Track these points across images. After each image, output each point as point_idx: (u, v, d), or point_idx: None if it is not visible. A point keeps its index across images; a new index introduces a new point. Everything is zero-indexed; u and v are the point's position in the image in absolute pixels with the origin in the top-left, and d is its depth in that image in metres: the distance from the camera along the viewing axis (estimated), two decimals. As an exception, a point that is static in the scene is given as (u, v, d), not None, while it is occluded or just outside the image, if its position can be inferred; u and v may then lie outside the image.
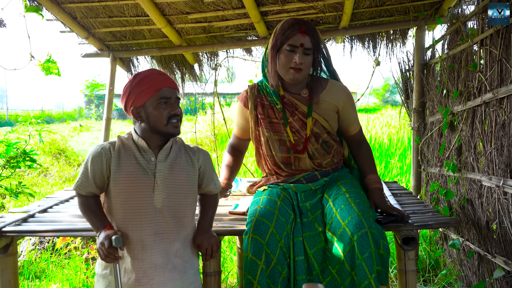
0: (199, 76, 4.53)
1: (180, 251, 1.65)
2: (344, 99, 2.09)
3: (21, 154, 3.63)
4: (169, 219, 1.62)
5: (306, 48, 1.93)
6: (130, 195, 1.57)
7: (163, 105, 1.58)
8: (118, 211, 1.58)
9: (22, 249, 3.69)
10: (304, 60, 1.93)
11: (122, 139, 1.65)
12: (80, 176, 1.61)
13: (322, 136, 2.06)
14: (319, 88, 2.08)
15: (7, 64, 12.54)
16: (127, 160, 1.59)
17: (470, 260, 2.68)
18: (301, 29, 1.91)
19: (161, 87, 1.58)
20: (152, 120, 1.59)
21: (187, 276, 1.66)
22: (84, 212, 1.63)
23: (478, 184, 2.48)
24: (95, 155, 1.59)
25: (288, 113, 2.07)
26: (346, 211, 1.77)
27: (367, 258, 1.66)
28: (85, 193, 1.61)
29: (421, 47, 3.49)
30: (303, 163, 2.07)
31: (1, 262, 2.10)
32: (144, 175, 1.59)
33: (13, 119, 21.24)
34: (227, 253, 3.58)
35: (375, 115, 13.66)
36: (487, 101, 2.34)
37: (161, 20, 3.41)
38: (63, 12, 3.37)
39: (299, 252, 1.78)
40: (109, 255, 1.50)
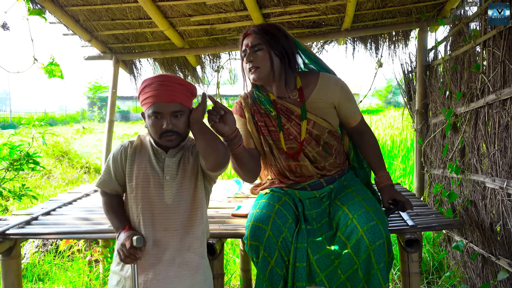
0: (201, 78, 4.54)
1: (194, 246, 1.64)
2: (339, 92, 1.96)
3: (24, 156, 3.64)
4: (180, 215, 1.62)
5: (252, 46, 1.89)
6: (142, 191, 1.61)
7: (155, 119, 1.54)
8: (132, 208, 1.63)
9: (25, 252, 3.70)
10: (254, 57, 1.88)
11: (141, 138, 1.71)
12: (103, 173, 1.68)
13: (322, 137, 1.96)
14: (310, 86, 1.97)
15: (11, 67, 12.57)
16: (140, 157, 1.64)
17: (474, 262, 2.67)
18: (246, 33, 1.94)
19: (154, 102, 1.53)
20: (149, 130, 1.60)
21: (199, 272, 1.64)
22: (106, 211, 1.68)
23: (482, 185, 2.47)
24: (115, 153, 1.67)
25: (284, 119, 1.97)
26: (364, 217, 1.74)
27: (382, 268, 1.68)
28: (109, 191, 1.67)
29: (423, 48, 3.49)
30: (306, 169, 1.99)
31: (5, 264, 2.11)
32: (153, 171, 1.62)
33: (16, 121, 21.32)
34: (230, 255, 3.57)
35: (377, 117, 13.65)
36: (490, 103, 2.34)
37: (163, 23, 3.41)
38: (66, 15, 3.38)
39: (301, 258, 1.75)
40: (130, 255, 1.52)
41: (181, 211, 1.63)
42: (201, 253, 1.67)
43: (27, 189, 3.72)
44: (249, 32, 1.92)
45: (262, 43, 1.88)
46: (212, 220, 2.27)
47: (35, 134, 3.88)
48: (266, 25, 1.95)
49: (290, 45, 1.95)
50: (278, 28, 1.95)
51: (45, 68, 3.26)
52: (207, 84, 4.66)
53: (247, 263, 2.95)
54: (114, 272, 1.68)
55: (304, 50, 2.09)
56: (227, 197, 2.87)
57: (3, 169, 3.64)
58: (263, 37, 1.88)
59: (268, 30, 1.91)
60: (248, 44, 1.90)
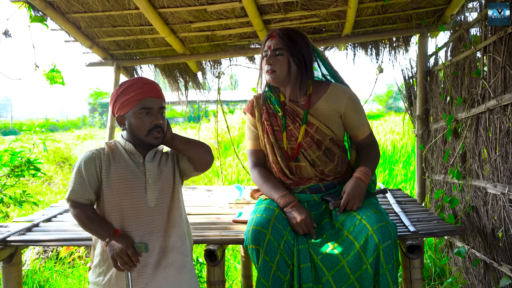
0: (202, 84, 4.55)
1: (178, 245, 1.69)
2: (346, 102, 2.02)
3: (25, 163, 3.64)
4: (163, 217, 1.67)
5: (274, 49, 1.97)
6: (124, 197, 1.61)
7: (144, 116, 1.59)
8: (113, 214, 1.60)
9: (26, 258, 3.69)
10: (274, 61, 1.97)
11: (110, 145, 1.69)
12: (74, 184, 1.59)
13: (324, 143, 2.03)
14: (319, 93, 2.05)
15: (12, 74, 12.54)
16: (117, 163, 1.63)
17: (476, 268, 2.65)
18: (271, 35, 2.01)
19: (142, 97, 1.59)
20: (134, 129, 1.62)
21: (184, 271, 1.69)
22: (84, 223, 1.59)
23: (483, 191, 2.47)
24: (87, 160, 1.60)
25: (289, 120, 2.06)
26: (373, 218, 1.75)
27: (391, 269, 1.68)
28: (83, 201, 1.59)
29: (424, 54, 3.49)
30: (305, 171, 2.04)
31: (6, 271, 2.10)
32: (135, 176, 1.63)
33: (17, 127, 21.36)
34: (231, 261, 3.56)
35: (378, 122, 13.63)
36: (491, 108, 2.34)
37: (164, 29, 3.43)
38: (67, 22, 3.40)
39: (305, 259, 1.77)
40: (129, 262, 1.50)
41: (163, 213, 1.67)
42: (184, 251, 1.71)
43: (28, 196, 3.72)
44: (274, 34, 2.00)
45: (283, 48, 1.97)
46: (213, 226, 2.27)
47: (36, 140, 3.89)
48: (291, 31, 2.02)
49: (310, 53, 2.04)
50: (302, 36, 2.03)
51: (46, 74, 3.27)
52: (208, 90, 4.66)
53: (248, 269, 2.94)
54: (96, 284, 1.64)
55: (323, 61, 2.19)
56: (228, 203, 2.87)
57: (4, 176, 3.64)
58: (285, 42, 1.97)
59: (292, 37, 1.99)
60: (270, 46, 1.99)
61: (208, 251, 1.93)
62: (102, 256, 1.63)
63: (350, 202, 1.87)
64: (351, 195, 1.88)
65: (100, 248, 1.64)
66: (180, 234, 1.70)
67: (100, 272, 1.62)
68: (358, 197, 1.89)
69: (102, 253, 1.63)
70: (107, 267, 1.62)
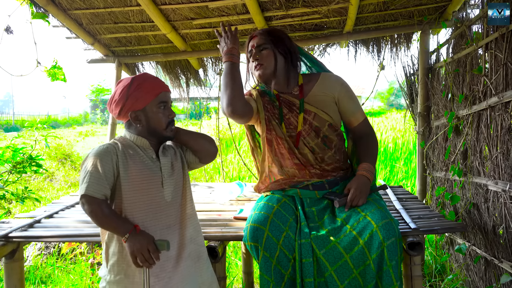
0: (203, 81, 4.55)
1: (194, 236, 1.72)
2: (339, 88, 2.07)
3: (27, 159, 3.66)
4: (178, 210, 1.69)
5: (257, 45, 2.04)
6: (141, 192, 1.60)
7: (162, 110, 1.64)
8: (131, 209, 1.58)
9: (28, 254, 3.70)
10: (260, 56, 2.02)
11: (121, 140, 1.67)
12: (90, 178, 1.51)
13: (322, 129, 2.05)
14: (311, 82, 2.10)
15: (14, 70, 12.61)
16: (133, 158, 1.61)
17: (476, 265, 2.66)
18: (252, 36, 2.09)
19: (160, 91, 1.64)
20: (153, 124, 1.63)
21: (201, 260, 1.72)
22: (101, 219, 1.52)
23: (484, 188, 2.47)
24: (102, 154, 1.55)
25: (285, 110, 2.08)
26: (378, 215, 1.76)
27: (394, 266, 1.69)
28: (100, 196, 1.51)
29: (425, 51, 3.48)
30: (306, 157, 2.06)
31: (8, 267, 2.12)
32: (151, 171, 1.63)
33: (19, 124, 21.39)
34: (232, 258, 3.57)
35: (380, 119, 13.62)
36: (492, 105, 2.34)
37: (166, 26, 3.43)
38: (69, 18, 3.40)
39: (307, 254, 1.77)
40: (150, 259, 1.49)
41: (178, 206, 1.69)
42: (200, 242, 1.75)
43: (30, 192, 3.73)
44: (255, 34, 2.07)
45: (267, 43, 2.03)
46: (215, 223, 2.27)
47: (38, 137, 3.90)
48: (271, 29, 2.12)
49: (293, 45, 2.10)
50: (282, 32, 2.11)
51: (48, 71, 3.28)
52: (209, 86, 4.67)
53: (249, 266, 2.95)
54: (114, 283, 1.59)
55: (306, 54, 2.23)
56: (229, 200, 2.88)
57: (6, 172, 3.66)
58: (267, 37, 2.04)
59: (273, 32, 2.07)
60: (254, 44, 2.05)
61: (209, 247, 1.94)
62: (121, 253, 1.58)
63: (356, 198, 1.89)
64: (358, 190, 1.90)
65: (118, 246, 1.59)
66: (195, 226, 1.74)
67: (120, 270, 1.58)
68: (364, 193, 1.90)
69: (120, 250, 1.58)
70: (127, 264, 1.58)
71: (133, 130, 1.67)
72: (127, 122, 1.69)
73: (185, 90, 4.56)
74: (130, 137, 1.67)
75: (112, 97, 1.67)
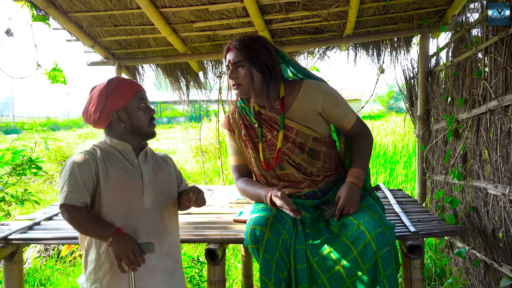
0: (203, 83, 4.55)
1: (171, 252, 1.69)
2: (321, 98, 1.96)
3: (27, 161, 3.65)
4: (158, 220, 1.67)
5: (234, 62, 1.92)
6: (121, 199, 1.58)
7: (143, 107, 1.66)
8: (110, 216, 1.55)
9: (27, 257, 3.70)
10: (236, 74, 1.92)
11: (100, 146, 1.65)
12: (68, 187, 1.49)
13: (307, 144, 1.98)
14: (292, 94, 1.99)
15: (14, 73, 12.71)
16: (113, 164, 1.59)
17: (476, 269, 2.66)
18: (229, 48, 1.96)
19: (138, 89, 1.66)
20: (136, 122, 1.64)
21: (176, 277, 1.70)
22: (82, 226, 1.52)
23: (484, 192, 2.47)
24: (80, 163, 1.53)
25: (266, 130, 2.01)
26: (371, 223, 1.74)
27: (389, 275, 1.67)
28: (79, 204, 1.49)
29: (425, 54, 3.49)
30: (293, 176, 2.02)
31: (7, 269, 2.11)
32: (132, 177, 1.61)
33: (19, 126, 21.39)
34: (232, 261, 3.57)
35: (379, 122, 13.64)
36: (492, 109, 2.34)
37: (166, 29, 3.43)
38: (69, 21, 3.40)
39: (301, 260, 1.77)
40: (135, 262, 1.47)
41: (158, 216, 1.67)
42: (177, 258, 1.72)
43: (30, 194, 3.73)
44: (231, 47, 1.94)
45: (243, 60, 1.91)
46: (214, 225, 2.27)
47: (38, 139, 3.90)
48: (248, 40, 1.94)
49: (271, 57, 1.96)
50: (260, 41, 1.96)
51: (48, 74, 3.28)
52: (209, 89, 4.67)
53: (249, 268, 2.95)
54: None
55: (289, 61, 2.12)
56: (229, 203, 2.87)
57: (6, 174, 3.66)
58: (244, 54, 1.91)
59: (250, 46, 1.92)
60: (230, 60, 1.94)
61: (208, 250, 1.94)
62: (98, 261, 1.57)
63: (347, 206, 1.85)
64: (347, 199, 1.86)
65: (95, 254, 1.58)
66: (174, 241, 1.72)
67: (96, 279, 1.56)
68: (354, 200, 1.87)
69: (97, 258, 1.57)
70: (103, 273, 1.56)
71: (114, 135, 1.66)
72: (107, 127, 1.66)
73: (185, 92, 4.57)
74: (111, 142, 1.65)
75: (89, 103, 1.65)
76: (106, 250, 1.54)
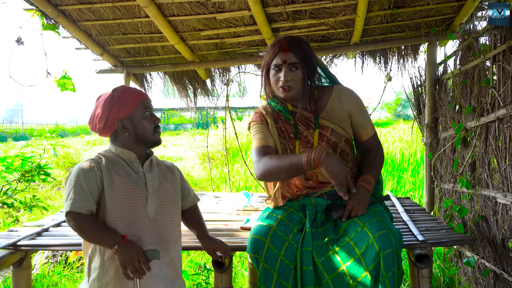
0: (211, 91, 4.58)
1: (174, 261, 1.69)
2: (352, 102, 2.04)
3: (35, 168, 3.69)
4: (162, 229, 1.67)
5: (290, 63, 1.90)
6: (125, 207, 1.58)
7: (147, 115, 1.67)
8: (114, 224, 1.56)
9: (35, 263, 3.72)
10: (292, 77, 1.91)
11: (105, 154, 1.66)
12: (74, 195, 1.51)
13: (339, 145, 2.01)
14: (325, 96, 2.04)
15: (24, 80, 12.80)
16: (118, 172, 1.60)
17: (485, 279, 2.63)
18: (282, 47, 1.91)
19: (142, 98, 1.67)
20: (140, 130, 1.65)
21: (176, 286, 1.70)
22: (88, 234, 1.53)
23: (493, 201, 2.45)
24: (86, 170, 1.55)
25: (301, 127, 2.03)
26: (375, 226, 1.75)
27: (390, 277, 1.67)
28: (84, 212, 1.50)
29: (433, 62, 3.49)
30: (322, 176, 2.00)
31: (15, 275, 2.13)
32: (136, 186, 1.62)
33: (28, 133, 21.58)
34: (239, 268, 3.56)
35: (387, 130, 13.58)
36: (500, 117, 2.33)
37: (174, 37, 3.46)
38: (79, 29, 3.45)
39: (308, 262, 1.77)
40: (140, 269, 1.48)
41: (162, 226, 1.67)
42: (178, 269, 1.72)
43: (38, 200, 3.76)
44: (286, 47, 1.91)
45: (299, 62, 1.91)
46: (221, 233, 2.27)
47: (47, 146, 3.94)
48: (299, 41, 1.95)
49: (316, 62, 2.02)
50: (308, 44, 1.98)
51: (57, 81, 3.32)
52: (216, 96, 4.69)
53: (256, 276, 2.93)
54: None
55: (322, 67, 2.17)
56: (236, 210, 2.88)
57: (15, 180, 3.69)
58: (300, 56, 1.91)
59: (304, 49, 1.93)
60: (286, 60, 1.90)
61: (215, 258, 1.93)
62: (102, 268, 1.57)
63: (355, 208, 1.87)
64: (356, 201, 1.88)
65: (99, 261, 1.58)
66: (178, 252, 1.72)
67: (100, 286, 1.57)
68: (362, 203, 1.88)
69: (101, 266, 1.57)
70: (107, 280, 1.56)
71: (119, 143, 1.67)
72: (112, 135, 1.68)
73: (193, 100, 4.59)
74: (116, 151, 1.66)
75: (94, 112, 1.67)
76: (111, 257, 1.54)
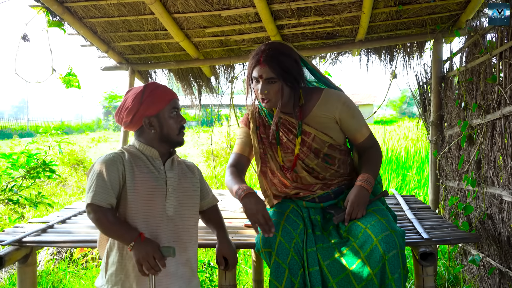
0: (215, 88, 4.57)
1: (191, 261, 1.70)
2: (340, 108, 1.98)
3: (41, 164, 3.71)
4: (180, 228, 1.67)
5: (266, 78, 1.87)
6: (145, 203, 1.59)
7: (175, 115, 1.68)
8: (136, 220, 1.58)
9: (40, 259, 3.74)
10: (268, 90, 1.88)
11: (128, 149, 1.68)
12: (96, 187, 1.52)
13: (322, 150, 1.99)
14: (312, 101, 2.00)
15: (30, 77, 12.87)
16: (140, 168, 1.62)
17: (490, 277, 2.61)
18: (259, 61, 1.88)
19: (172, 98, 1.68)
20: (166, 129, 1.66)
21: (192, 285, 1.70)
22: (107, 227, 1.54)
23: (499, 198, 2.43)
24: (108, 163, 1.56)
25: (282, 133, 2.03)
26: (378, 227, 1.74)
27: (397, 279, 1.66)
28: (105, 205, 1.52)
29: (438, 59, 3.46)
30: (305, 180, 2.03)
31: (21, 272, 2.14)
32: (157, 183, 1.63)
33: (33, 130, 21.69)
34: (243, 265, 3.56)
35: (392, 127, 13.54)
36: (506, 115, 2.31)
37: (179, 34, 3.46)
38: (84, 27, 3.45)
39: (313, 262, 1.77)
40: (155, 266, 1.48)
41: (180, 224, 1.68)
42: (195, 268, 1.73)
43: (43, 197, 3.78)
44: (262, 61, 1.87)
45: (275, 77, 1.87)
46: (225, 230, 2.27)
47: (52, 143, 3.96)
48: (278, 53, 1.89)
49: (299, 69, 1.96)
50: (289, 54, 1.91)
51: (63, 78, 3.33)
52: (221, 94, 4.69)
53: (260, 274, 2.94)
54: None
55: (312, 69, 2.14)
56: (240, 208, 2.87)
57: (20, 177, 3.71)
58: (276, 71, 1.86)
59: (282, 62, 1.87)
60: (261, 75, 1.88)
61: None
62: (120, 263, 1.59)
63: (355, 211, 1.85)
64: (355, 204, 1.86)
65: (118, 256, 1.59)
66: (194, 252, 1.73)
67: (118, 281, 1.58)
68: (362, 205, 1.86)
69: (120, 261, 1.59)
70: (125, 275, 1.58)
71: (143, 139, 1.68)
72: (137, 130, 1.69)
73: (197, 97, 4.59)
74: (139, 147, 1.68)
75: (123, 105, 1.68)
76: (130, 252, 1.55)
